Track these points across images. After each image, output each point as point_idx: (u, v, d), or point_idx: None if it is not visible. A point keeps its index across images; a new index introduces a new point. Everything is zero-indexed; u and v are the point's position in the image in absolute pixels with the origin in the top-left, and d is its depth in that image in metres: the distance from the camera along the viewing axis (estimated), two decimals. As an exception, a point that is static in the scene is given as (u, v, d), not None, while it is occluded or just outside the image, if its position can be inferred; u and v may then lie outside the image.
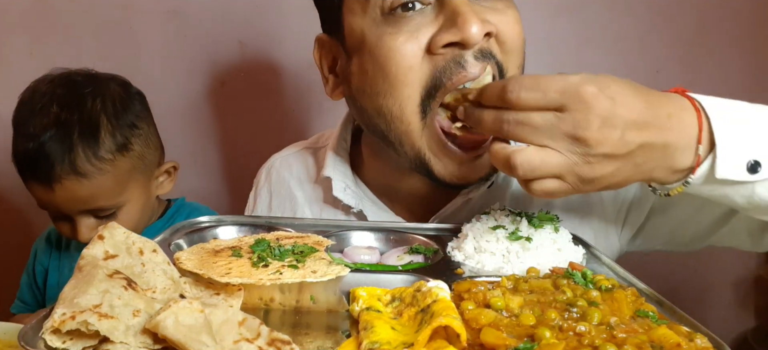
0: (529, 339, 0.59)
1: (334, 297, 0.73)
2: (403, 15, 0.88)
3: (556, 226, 0.87)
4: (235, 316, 0.63)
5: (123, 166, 1.24)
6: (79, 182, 1.19)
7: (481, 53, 0.87)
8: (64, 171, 1.18)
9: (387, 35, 0.88)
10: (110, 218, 1.25)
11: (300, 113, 1.75)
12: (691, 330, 0.62)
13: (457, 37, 0.85)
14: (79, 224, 1.24)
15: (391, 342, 0.59)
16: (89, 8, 1.70)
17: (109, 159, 1.21)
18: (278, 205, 1.18)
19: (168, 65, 1.72)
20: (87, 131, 1.20)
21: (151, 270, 0.71)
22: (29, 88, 1.27)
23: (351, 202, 1.06)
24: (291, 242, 0.84)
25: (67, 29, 1.70)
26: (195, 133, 1.78)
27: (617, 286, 0.72)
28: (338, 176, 1.08)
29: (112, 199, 1.24)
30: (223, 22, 1.71)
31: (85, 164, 1.19)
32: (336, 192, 1.07)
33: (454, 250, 0.88)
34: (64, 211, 1.24)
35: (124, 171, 1.24)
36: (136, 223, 1.30)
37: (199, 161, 1.79)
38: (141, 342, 0.58)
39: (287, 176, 1.19)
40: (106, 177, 1.21)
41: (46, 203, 1.25)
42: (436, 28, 0.87)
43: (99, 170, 1.20)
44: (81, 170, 1.18)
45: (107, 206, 1.24)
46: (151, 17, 1.71)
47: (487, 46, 0.88)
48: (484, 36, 0.86)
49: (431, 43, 0.87)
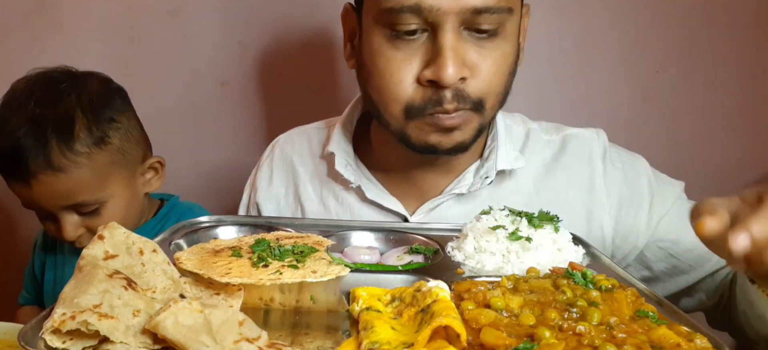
0: (528, 339, 0.59)
1: (334, 297, 0.73)
2: (404, 37, 0.95)
3: (556, 226, 0.87)
4: (235, 316, 0.63)
5: (101, 160, 1.22)
6: (56, 176, 1.18)
7: (457, 94, 0.95)
8: (38, 166, 1.17)
9: (387, 49, 0.97)
10: (94, 214, 1.24)
11: (300, 113, 1.75)
12: (691, 331, 0.62)
13: (434, 76, 0.93)
14: (63, 221, 1.23)
15: (391, 342, 0.59)
16: (89, 8, 1.70)
17: (85, 153, 1.20)
18: (279, 180, 1.24)
19: (168, 65, 1.72)
20: (62, 126, 1.19)
21: (151, 270, 0.71)
22: (10, 88, 1.26)
23: (351, 177, 1.13)
24: (291, 242, 0.84)
25: (67, 29, 1.70)
26: (195, 133, 1.78)
27: (617, 286, 0.72)
28: (341, 153, 1.14)
29: (93, 194, 1.22)
30: (223, 22, 1.71)
31: (60, 158, 1.18)
32: (337, 167, 1.13)
33: (454, 250, 0.88)
34: (45, 208, 1.23)
35: (102, 165, 1.23)
36: (122, 219, 1.24)
37: (198, 161, 1.79)
38: (141, 342, 0.58)
39: (290, 151, 1.25)
40: (82, 171, 1.20)
41: (27, 201, 1.24)
42: (427, 60, 0.95)
43: (74, 163, 1.19)
44: (56, 164, 1.17)
45: (89, 201, 1.22)
46: (151, 17, 1.71)
47: (462, 88, 0.95)
48: (460, 79, 0.94)
49: (419, 75, 0.95)
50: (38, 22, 1.70)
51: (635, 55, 1.75)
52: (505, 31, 0.97)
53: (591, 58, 1.74)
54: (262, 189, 1.24)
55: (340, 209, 1.16)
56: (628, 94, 1.73)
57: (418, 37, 0.95)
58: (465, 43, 0.94)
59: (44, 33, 1.70)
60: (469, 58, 0.94)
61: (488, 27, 0.94)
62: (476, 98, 0.97)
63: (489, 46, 0.96)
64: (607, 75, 1.74)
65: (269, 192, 1.23)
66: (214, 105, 1.77)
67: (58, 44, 1.69)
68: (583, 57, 1.74)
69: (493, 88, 0.98)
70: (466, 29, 0.94)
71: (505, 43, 0.97)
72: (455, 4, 0.91)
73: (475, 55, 0.95)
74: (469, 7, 0.91)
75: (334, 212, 1.17)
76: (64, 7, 1.70)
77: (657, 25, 1.74)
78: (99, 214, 1.24)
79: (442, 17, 0.91)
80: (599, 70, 1.74)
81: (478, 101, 0.97)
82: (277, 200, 1.23)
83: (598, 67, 1.74)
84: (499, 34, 0.96)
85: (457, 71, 0.92)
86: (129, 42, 1.69)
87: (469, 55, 0.94)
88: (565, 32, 1.74)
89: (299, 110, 1.74)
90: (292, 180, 1.22)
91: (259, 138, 1.76)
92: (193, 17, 1.71)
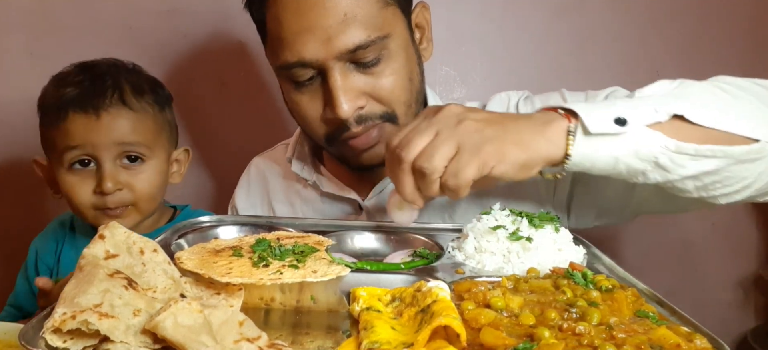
0: (528, 339, 0.59)
1: (334, 296, 0.73)
2: (301, 83, 1.08)
3: (556, 226, 0.87)
4: (235, 316, 0.63)
5: (159, 119, 1.33)
6: (126, 111, 1.27)
7: (359, 118, 1.07)
8: (113, 102, 1.26)
9: (294, 94, 1.11)
10: (136, 165, 1.29)
11: (300, 112, 1.75)
12: (691, 331, 0.62)
13: (332, 115, 1.06)
14: (105, 168, 1.26)
15: (391, 342, 0.59)
16: (89, 8, 1.70)
17: (150, 104, 1.31)
18: (255, 192, 1.39)
19: (168, 65, 1.72)
20: (134, 80, 1.32)
21: (152, 269, 0.71)
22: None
23: (307, 176, 1.28)
24: (291, 242, 0.84)
25: (67, 29, 1.70)
26: (195, 133, 1.78)
27: (617, 286, 0.72)
28: (297, 157, 1.30)
29: (147, 140, 1.29)
30: (223, 22, 1.71)
31: (131, 99, 1.28)
32: (294, 169, 1.29)
33: (454, 250, 0.88)
34: (97, 148, 1.25)
35: (159, 123, 1.33)
36: (155, 189, 1.33)
37: (198, 162, 1.79)
38: (141, 342, 0.58)
39: (263, 167, 1.40)
40: (146, 116, 1.30)
41: (80, 138, 1.26)
42: (325, 100, 1.08)
43: (142, 107, 1.29)
44: (128, 102, 1.28)
45: (142, 143, 1.28)
46: (151, 17, 1.71)
47: (364, 113, 1.07)
48: (358, 108, 1.06)
49: (322, 112, 1.09)
50: (38, 22, 1.70)
51: (635, 55, 1.75)
52: (390, 52, 1.07)
53: (591, 58, 1.74)
54: (241, 201, 1.40)
55: (304, 205, 1.30)
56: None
57: (314, 80, 1.07)
58: (353, 75, 1.05)
59: (44, 33, 1.70)
60: (361, 87, 1.06)
61: (371, 57, 1.04)
62: (382, 114, 1.08)
63: (378, 71, 1.06)
64: (607, 75, 1.74)
65: (247, 202, 1.39)
66: (214, 105, 1.77)
67: (58, 44, 1.69)
68: (584, 57, 1.75)
69: (395, 99, 1.08)
70: (351, 63, 1.04)
71: (394, 61, 1.07)
72: (331, 52, 1.02)
73: (366, 83, 1.06)
74: (345, 50, 1.02)
75: (298, 209, 1.31)
76: (64, 7, 1.70)
77: (657, 25, 1.74)
78: (141, 170, 1.29)
79: (325, 64, 1.03)
80: (599, 70, 1.74)
81: (385, 114, 1.09)
82: (253, 209, 1.37)
83: (598, 67, 1.74)
84: (384, 58, 1.06)
85: (351, 106, 1.04)
86: (129, 42, 1.69)
87: (360, 86, 1.06)
88: (565, 32, 1.74)
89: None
90: (265, 190, 1.37)
91: (259, 139, 1.76)
92: (193, 17, 1.71)
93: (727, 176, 0.87)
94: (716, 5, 1.73)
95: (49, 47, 1.70)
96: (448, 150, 0.82)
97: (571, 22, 1.74)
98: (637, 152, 0.84)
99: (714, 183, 0.88)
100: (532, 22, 1.75)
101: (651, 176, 0.87)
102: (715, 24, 1.74)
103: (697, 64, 1.74)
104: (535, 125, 0.85)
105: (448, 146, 0.82)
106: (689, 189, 0.89)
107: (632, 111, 0.84)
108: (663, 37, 1.74)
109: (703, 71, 1.79)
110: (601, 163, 0.85)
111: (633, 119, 0.83)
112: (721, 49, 1.74)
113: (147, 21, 1.71)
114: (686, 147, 0.83)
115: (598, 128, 0.82)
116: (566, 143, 0.84)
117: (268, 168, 1.39)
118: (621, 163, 0.85)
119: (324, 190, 1.26)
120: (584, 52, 1.74)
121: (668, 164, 0.84)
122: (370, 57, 1.04)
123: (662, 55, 1.75)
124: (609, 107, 0.85)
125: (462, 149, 0.82)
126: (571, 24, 1.74)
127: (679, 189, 0.90)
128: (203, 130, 1.79)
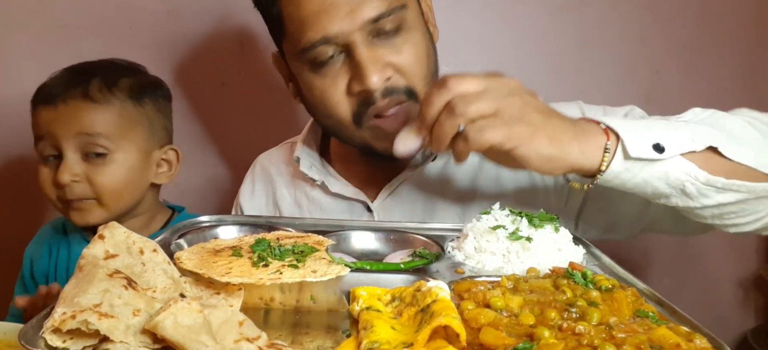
0: (528, 338, 0.59)
1: (334, 296, 0.73)
2: (325, 65, 1.07)
3: (556, 226, 0.87)
4: (235, 316, 0.63)
5: (130, 113, 1.30)
6: (85, 103, 1.26)
7: (386, 91, 1.06)
8: (73, 95, 1.26)
9: (315, 79, 1.09)
10: (98, 161, 1.26)
11: (300, 113, 1.75)
12: (691, 331, 0.62)
13: (362, 87, 1.05)
14: (66, 158, 1.25)
15: (391, 342, 0.59)
16: (89, 8, 1.70)
17: (119, 98, 1.29)
18: (260, 191, 1.38)
19: (168, 65, 1.72)
20: (108, 73, 1.31)
21: (152, 269, 0.71)
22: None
23: (315, 176, 1.25)
24: (291, 242, 0.84)
25: (67, 29, 1.70)
26: (195, 133, 1.78)
27: (617, 286, 0.72)
28: (305, 156, 1.27)
29: (109, 133, 1.27)
30: (223, 22, 1.71)
31: (96, 93, 1.27)
32: (303, 168, 1.26)
33: (454, 250, 0.88)
34: (58, 139, 1.25)
35: (129, 117, 1.30)
36: (120, 185, 1.29)
37: (198, 162, 1.79)
38: (141, 342, 0.58)
39: (268, 165, 1.39)
40: (110, 110, 1.27)
41: (44, 129, 1.27)
42: (351, 75, 1.06)
43: (107, 101, 1.27)
44: (91, 96, 1.26)
45: (102, 135, 1.26)
46: (151, 17, 1.71)
47: (390, 85, 1.07)
48: (385, 80, 1.05)
49: (348, 88, 1.07)
50: (38, 22, 1.71)
51: (635, 55, 1.75)
52: (408, 23, 1.08)
53: (591, 58, 1.74)
54: (246, 200, 1.38)
55: (311, 206, 1.28)
56: (629, 94, 1.74)
57: (336, 60, 1.07)
58: (378, 48, 1.05)
59: (44, 33, 1.71)
60: (387, 59, 1.06)
61: (392, 26, 1.05)
62: (405, 88, 1.08)
63: (400, 41, 1.07)
64: (607, 75, 1.74)
65: (252, 202, 1.37)
66: (214, 105, 1.77)
67: (58, 44, 1.70)
68: (583, 57, 1.75)
69: (418, 73, 1.09)
70: (374, 37, 1.05)
71: (413, 33, 1.09)
72: (355, 23, 1.02)
73: (391, 54, 1.06)
74: (367, 20, 1.02)
75: (306, 209, 1.29)
76: (64, 7, 1.70)
77: (657, 25, 1.74)
78: (103, 164, 1.27)
79: (349, 37, 1.03)
80: (599, 70, 1.74)
81: (407, 89, 1.08)
82: (258, 208, 1.36)
83: (598, 67, 1.74)
84: (404, 28, 1.07)
85: (380, 77, 1.04)
86: (129, 42, 1.69)
87: (386, 57, 1.06)
88: (565, 32, 1.74)
89: (299, 110, 1.74)
90: (270, 189, 1.36)
91: (260, 138, 1.76)
92: (193, 17, 1.71)
93: (743, 208, 0.91)
94: (717, 5, 1.73)
95: (50, 47, 1.70)
96: (486, 107, 0.84)
97: (571, 22, 1.73)
98: (666, 177, 0.87)
99: (730, 214, 0.92)
100: (532, 22, 1.75)
101: (673, 201, 0.90)
102: (715, 24, 1.74)
103: (697, 64, 1.74)
104: (576, 131, 0.88)
105: (488, 104, 0.85)
106: (706, 216, 0.92)
107: (670, 139, 0.86)
108: (663, 37, 1.74)
109: (703, 71, 1.79)
110: (630, 183, 0.89)
111: (670, 146, 0.85)
112: (721, 49, 1.74)
113: (147, 21, 1.71)
114: (715, 180, 0.86)
115: (638, 153, 0.85)
116: (601, 158, 0.86)
117: (273, 167, 1.38)
118: (649, 185, 0.88)
119: (332, 191, 1.25)
120: (584, 52, 1.74)
121: (694, 193, 0.87)
122: (391, 26, 1.05)
123: (662, 55, 1.75)
124: (647, 129, 0.88)
125: (499, 114, 0.84)
126: (571, 24, 1.74)
127: (696, 215, 0.93)
128: (203, 130, 1.79)
